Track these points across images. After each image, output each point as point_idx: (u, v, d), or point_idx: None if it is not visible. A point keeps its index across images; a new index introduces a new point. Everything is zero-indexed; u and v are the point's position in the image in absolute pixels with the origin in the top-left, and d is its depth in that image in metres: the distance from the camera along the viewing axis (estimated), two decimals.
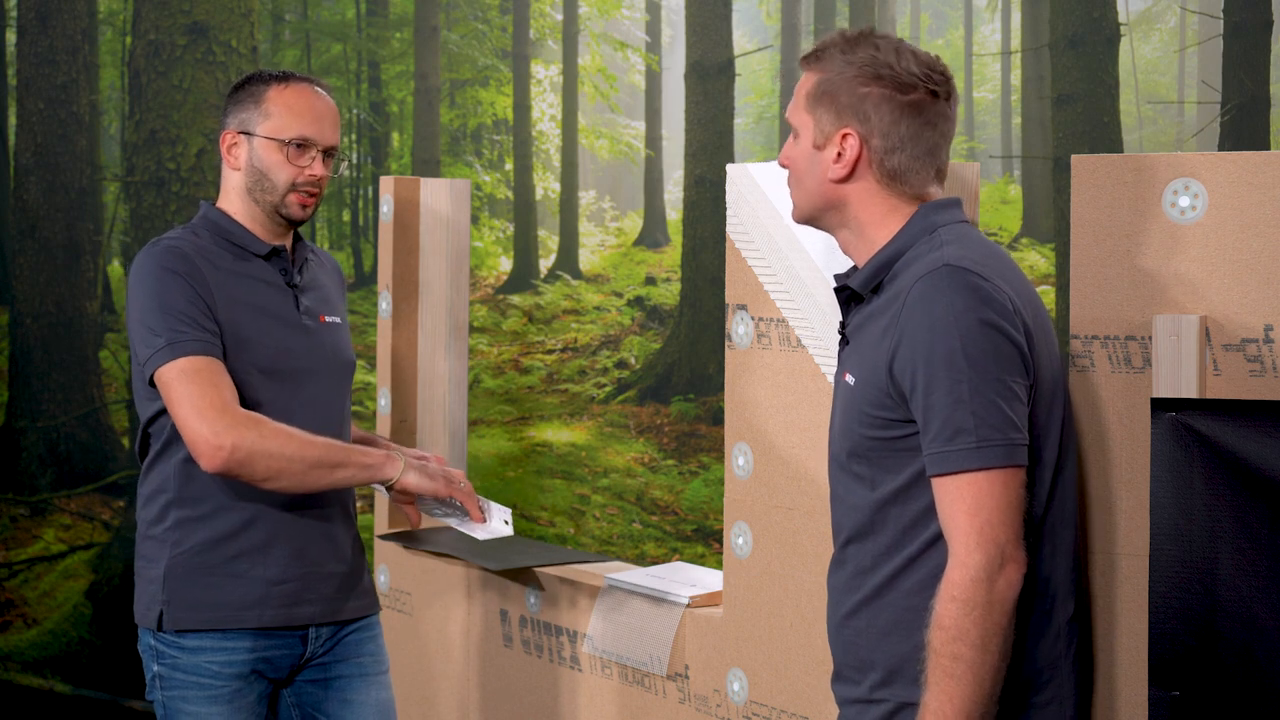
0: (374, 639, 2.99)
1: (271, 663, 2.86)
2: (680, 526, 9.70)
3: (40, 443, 9.69)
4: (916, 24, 19.22)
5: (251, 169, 2.87)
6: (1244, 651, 2.13)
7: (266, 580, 2.82)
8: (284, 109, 2.86)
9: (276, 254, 2.90)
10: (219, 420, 2.66)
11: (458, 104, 15.55)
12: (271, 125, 2.85)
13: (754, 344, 2.81)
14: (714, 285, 10.69)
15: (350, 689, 2.94)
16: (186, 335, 2.72)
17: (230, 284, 2.82)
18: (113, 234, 12.55)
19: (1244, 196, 2.24)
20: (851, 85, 2.20)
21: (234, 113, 2.90)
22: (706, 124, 11.10)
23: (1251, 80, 8.42)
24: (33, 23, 9.87)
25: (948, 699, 2.05)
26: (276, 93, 2.87)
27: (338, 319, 2.99)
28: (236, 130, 2.88)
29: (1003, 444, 2.06)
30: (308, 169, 2.86)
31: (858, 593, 2.22)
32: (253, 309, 2.83)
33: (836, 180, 2.22)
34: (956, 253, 2.13)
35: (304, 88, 2.89)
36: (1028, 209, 13.97)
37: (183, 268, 2.78)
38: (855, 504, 2.22)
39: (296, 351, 2.87)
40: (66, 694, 8.17)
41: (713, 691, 2.92)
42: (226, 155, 2.90)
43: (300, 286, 2.92)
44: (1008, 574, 2.06)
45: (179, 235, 2.86)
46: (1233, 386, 2.24)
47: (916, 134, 2.20)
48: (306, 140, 2.85)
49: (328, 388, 2.92)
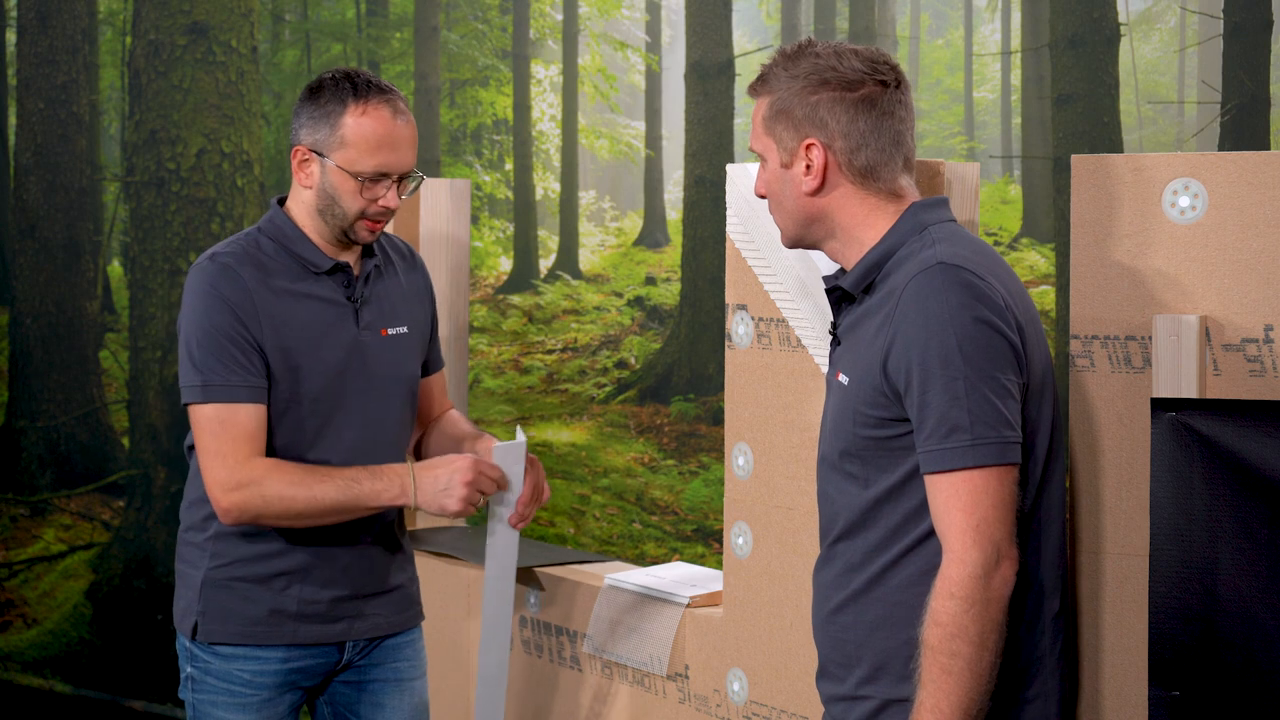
0: (411, 644, 2.96)
1: (305, 673, 2.84)
2: (680, 526, 9.69)
3: (40, 443, 9.69)
4: (916, 24, 19.22)
5: (323, 192, 2.73)
6: (1244, 651, 2.13)
7: (302, 599, 2.79)
8: (361, 139, 2.69)
9: (340, 269, 2.79)
10: (229, 479, 2.65)
11: (458, 104, 15.55)
12: (346, 156, 2.70)
13: (754, 344, 2.81)
14: (714, 285, 10.69)
15: (383, 693, 2.92)
16: (220, 379, 2.67)
17: (284, 305, 2.73)
18: (113, 234, 12.54)
19: (1244, 196, 2.24)
20: (801, 96, 2.21)
21: (308, 128, 2.73)
22: (706, 124, 11.10)
23: (1251, 80, 8.42)
24: (33, 23, 9.87)
25: (944, 696, 2.06)
26: (354, 119, 2.69)
27: (403, 329, 2.86)
28: (309, 148, 2.73)
29: (997, 442, 2.07)
30: (381, 200, 2.72)
31: (845, 589, 2.23)
32: (306, 331, 2.74)
33: (811, 193, 2.23)
34: (949, 251, 2.14)
35: (383, 112, 2.70)
36: (1028, 209, 13.96)
37: (233, 295, 2.69)
38: (846, 503, 2.22)
39: (351, 371, 2.78)
40: (66, 694, 8.17)
41: (713, 691, 2.92)
42: (297, 171, 2.75)
43: (363, 300, 2.82)
44: (1003, 571, 2.07)
45: (239, 246, 2.76)
46: (1233, 386, 2.24)
47: (876, 126, 2.21)
48: (383, 174, 2.72)
49: (382, 403, 2.82)
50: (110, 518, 9.31)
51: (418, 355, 2.92)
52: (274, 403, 2.73)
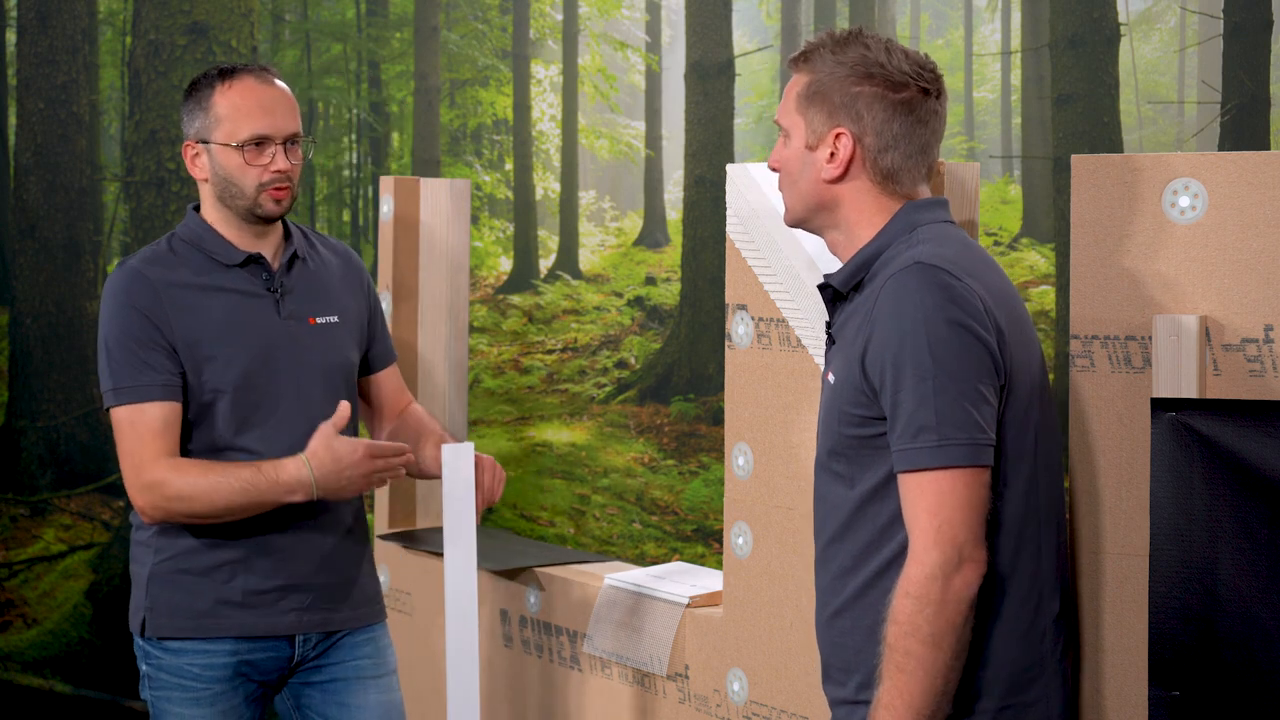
0: (373, 641, 2.96)
1: (256, 666, 2.85)
2: (680, 526, 9.69)
3: (40, 443, 9.69)
4: (916, 24, 19.23)
5: (217, 177, 2.78)
6: (1244, 651, 2.13)
7: (245, 590, 2.80)
8: (232, 110, 2.74)
9: (253, 261, 2.82)
10: (137, 480, 2.72)
11: (458, 104, 15.55)
12: (224, 130, 2.74)
13: (754, 344, 2.81)
14: (714, 285, 10.69)
15: (346, 692, 2.92)
16: (128, 381, 2.73)
17: (193, 299, 2.77)
18: (113, 234, 12.55)
19: (1244, 196, 2.24)
20: (843, 84, 2.20)
21: (188, 121, 2.79)
22: (706, 124, 11.10)
23: (1251, 80, 8.42)
24: (33, 23, 9.87)
25: (898, 693, 2.07)
26: (221, 94, 2.75)
27: (333, 318, 2.89)
28: (194, 140, 2.78)
29: (966, 444, 2.06)
30: (271, 165, 2.75)
31: (841, 594, 2.23)
32: (218, 323, 2.77)
33: (830, 180, 2.23)
34: (931, 251, 2.13)
35: (248, 81, 2.76)
36: (1028, 209, 13.97)
37: (141, 298, 2.74)
38: (836, 503, 2.23)
39: (278, 360, 2.80)
40: (66, 694, 8.17)
41: (713, 691, 2.92)
42: (192, 168, 2.80)
43: (284, 289, 2.84)
44: (965, 574, 2.06)
45: (150, 251, 2.81)
46: (1233, 386, 2.24)
47: (909, 132, 2.20)
48: (262, 137, 2.75)
49: (317, 391, 2.84)
50: (110, 518, 9.31)
51: (352, 344, 2.93)
52: (197, 396, 2.76)
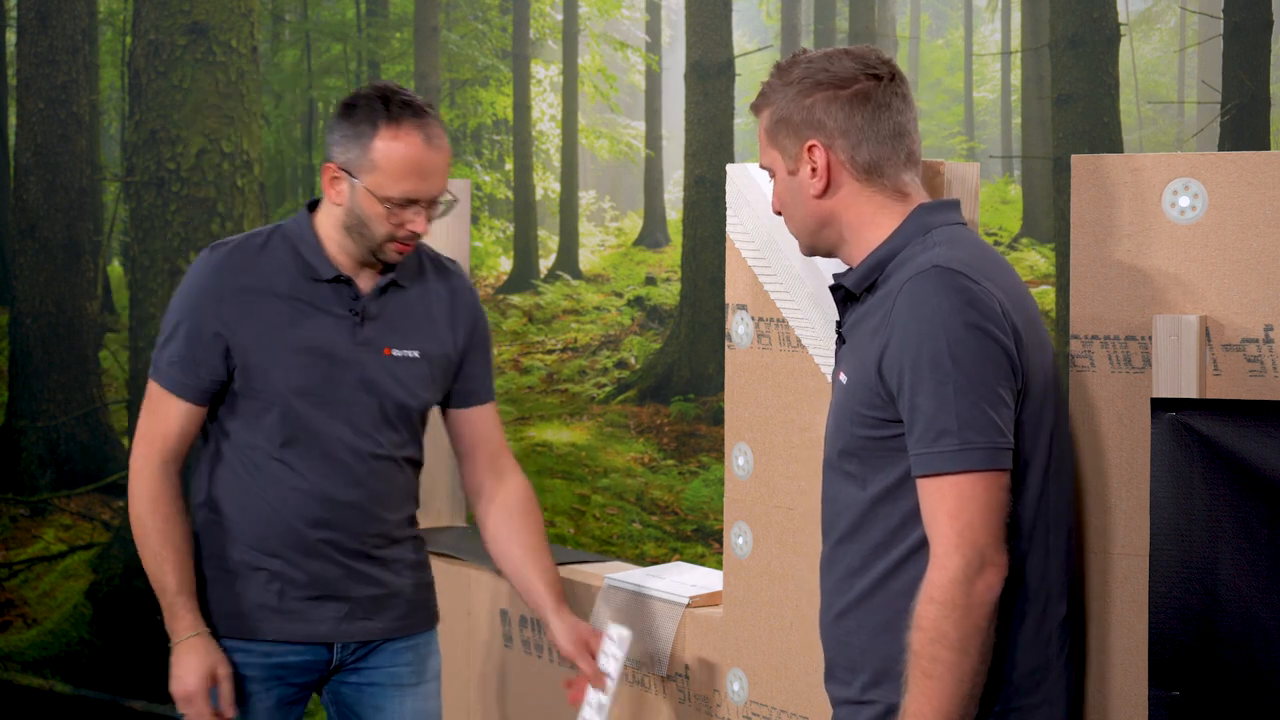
0: (413, 649, 2.90)
1: (292, 669, 2.81)
2: (680, 526, 9.70)
3: (40, 443, 9.69)
4: (916, 24, 19.21)
5: (351, 212, 2.70)
6: (1244, 651, 2.13)
7: (284, 594, 2.77)
8: (389, 164, 2.64)
9: (342, 280, 2.75)
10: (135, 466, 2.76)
11: (458, 104, 15.55)
12: (376, 180, 2.65)
13: (754, 344, 2.81)
14: (714, 285, 10.69)
15: (383, 697, 2.88)
16: (176, 371, 2.73)
17: (272, 308, 2.72)
18: (112, 234, 12.54)
19: (1244, 196, 2.24)
20: (797, 102, 2.23)
21: (340, 145, 2.68)
22: (706, 124, 11.10)
23: (1251, 80, 8.43)
24: (33, 23, 9.87)
25: (926, 700, 2.06)
26: (385, 142, 2.64)
27: (413, 352, 2.81)
28: (340, 167, 2.69)
29: (986, 447, 2.06)
30: (409, 225, 2.69)
31: (848, 594, 2.23)
32: (289, 337, 2.72)
33: (819, 195, 2.24)
34: (947, 254, 2.14)
35: (415, 138, 2.65)
36: (1028, 209, 13.97)
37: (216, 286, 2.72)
38: (846, 503, 2.22)
39: (337, 384, 2.74)
40: (66, 694, 8.17)
41: (713, 691, 2.92)
42: (328, 187, 2.72)
43: (368, 314, 2.77)
44: (987, 577, 2.06)
45: (244, 237, 2.78)
46: (1233, 386, 2.24)
47: (873, 121, 2.21)
48: (411, 200, 2.68)
49: (370, 425, 2.77)
50: (110, 518, 9.31)
51: (429, 382, 2.85)
52: (249, 398, 2.74)
